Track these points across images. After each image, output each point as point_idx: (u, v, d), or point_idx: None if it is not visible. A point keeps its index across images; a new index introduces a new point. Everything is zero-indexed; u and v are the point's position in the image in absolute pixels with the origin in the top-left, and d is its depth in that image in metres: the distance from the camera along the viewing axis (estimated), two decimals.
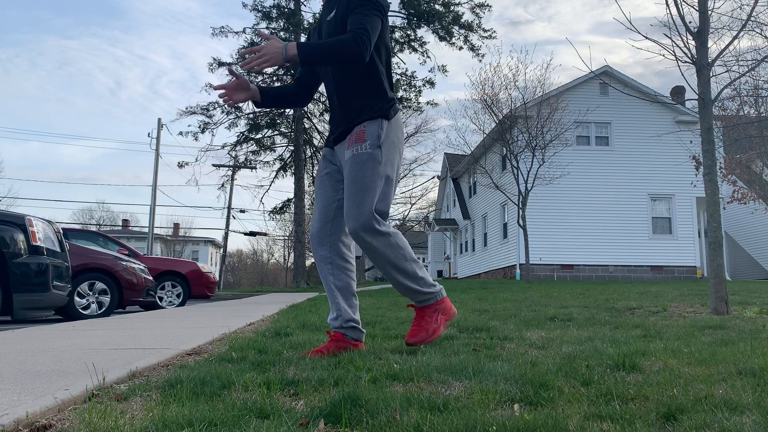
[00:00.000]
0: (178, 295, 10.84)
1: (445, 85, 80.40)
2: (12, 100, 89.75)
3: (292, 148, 27.62)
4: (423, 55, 26.86)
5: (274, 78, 25.73)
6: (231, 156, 28.72)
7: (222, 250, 40.32)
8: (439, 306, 2.78)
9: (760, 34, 9.72)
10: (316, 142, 27.88)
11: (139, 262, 9.07)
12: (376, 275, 44.61)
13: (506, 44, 65.26)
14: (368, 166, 2.56)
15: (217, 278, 23.17)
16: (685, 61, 5.57)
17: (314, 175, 26.97)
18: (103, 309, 8.06)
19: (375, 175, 2.56)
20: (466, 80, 56.90)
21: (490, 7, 25.83)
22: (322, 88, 3.31)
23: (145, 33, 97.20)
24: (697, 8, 5.49)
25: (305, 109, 26.31)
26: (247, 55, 2.49)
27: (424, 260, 41.98)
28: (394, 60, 27.23)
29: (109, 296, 8.13)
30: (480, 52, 25.67)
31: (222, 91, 2.68)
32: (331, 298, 2.72)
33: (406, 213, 44.88)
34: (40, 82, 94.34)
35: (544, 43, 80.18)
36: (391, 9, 26.79)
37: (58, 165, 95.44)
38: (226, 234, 36.48)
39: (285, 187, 74.98)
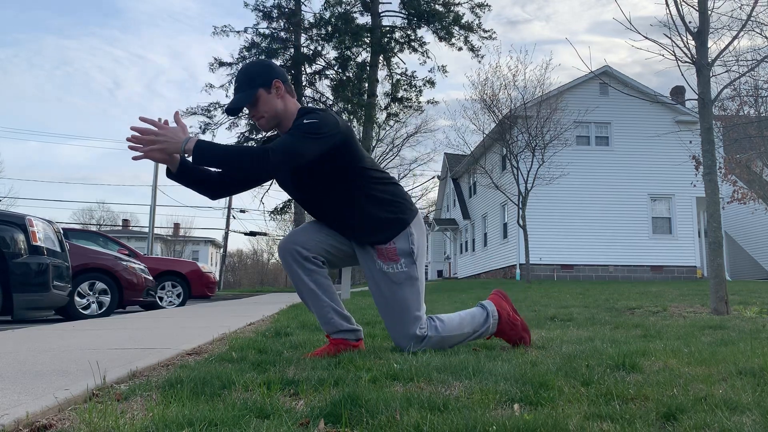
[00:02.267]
0: (178, 295, 10.84)
1: (443, 84, 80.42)
2: (10, 100, 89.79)
3: None
4: (423, 55, 26.88)
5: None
6: None
7: (222, 250, 40.32)
8: (503, 317, 2.77)
9: (760, 34, 9.73)
10: None
11: (139, 262, 9.07)
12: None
13: (504, 44, 65.18)
14: (406, 286, 2.54)
15: (217, 278, 23.17)
16: (685, 61, 5.57)
17: None
18: (103, 309, 8.06)
19: (414, 293, 2.55)
20: (464, 80, 57.07)
21: (490, 7, 25.86)
22: None
23: (143, 32, 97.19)
24: (697, 8, 5.49)
25: None
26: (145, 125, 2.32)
27: None
28: (394, 60, 27.24)
29: (109, 296, 8.12)
30: (480, 53, 25.70)
31: (136, 134, 2.34)
32: (316, 303, 2.60)
33: None
34: (38, 81, 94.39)
35: (542, 43, 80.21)
36: (390, 9, 26.85)
37: (57, 165, 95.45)
38: (226, 234, 36.48)
39: None
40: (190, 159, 2.31)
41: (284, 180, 2.65)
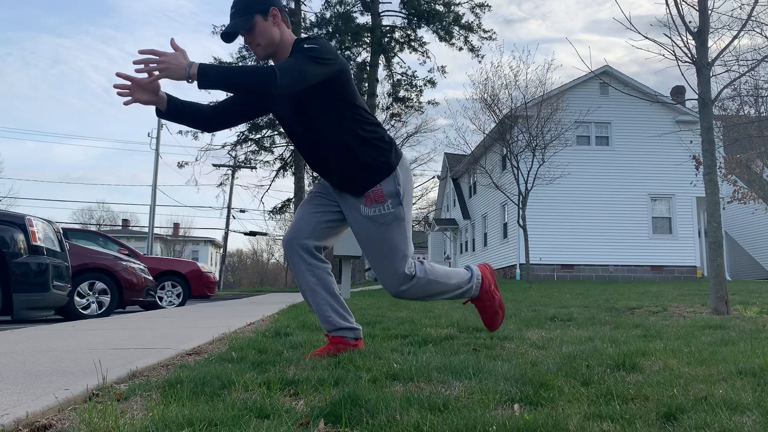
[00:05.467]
0: (178, 295, 10.84)
1: (442, 84, 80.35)
2: (6, 99, 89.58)
3: (292, 147, 27.63)
4: (423, 55, 26.88)
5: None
6: (231, 156, 28.76)
7: (222, 250, 40.34)
8: (485, 284, 2.79)
9: (760, 33, 9.73)
10: None
11: (139, 262, 9.07)
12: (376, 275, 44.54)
13: (501, 43, 65.00)
14: (394, 227, 2.53)
15: (217, 278, 23.18)
16: (685, 61, 5.57)
17: (314, 174, 26.95)
18: (103, 309, 8.06)
19: (402, 234, 2.55)
20: (463, 80, 56.95)
21: (490, 7, 25.86)
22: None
23: (138, 31, 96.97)
24: (697, 8, 5.49)
25: None
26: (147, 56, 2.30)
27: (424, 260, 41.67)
28: (395, 60, 27.26)
29: (109, 296, 8.12)
30: (480, 53, 25.70)
31: (124, 81, 2.40)
32: (315, 300, 2.62)
33: None
34: (33, 80, 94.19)
35: (539, 42, 79.93)
36: (391, 9, 26.85)
37: (54, 165, 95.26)
38: (226, 234, 36.49)
39: (285, 186, 75.04)
40: (194, 83, 2.29)
41: (282, 113, 2.63)
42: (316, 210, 2.67)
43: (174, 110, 2.56)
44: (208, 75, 2.22)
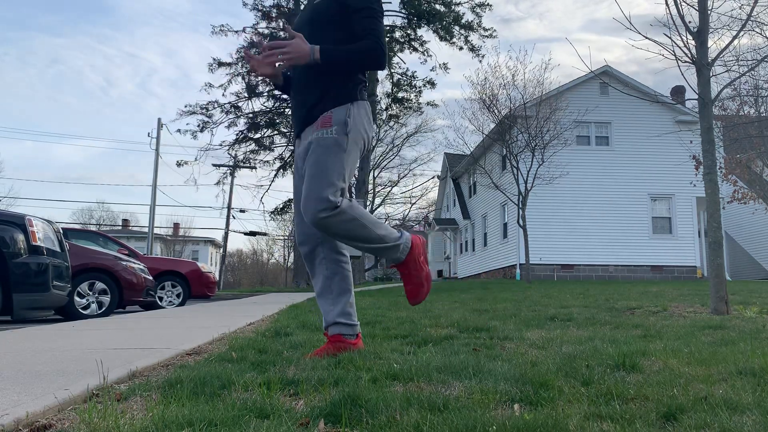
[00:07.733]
0: (178, 295, 10.84)
1: (441, 84, 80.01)
2: (4, 99, 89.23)
3: (291, 147, 27.64)
4: (423, 55, 26.87)
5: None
6: (230, 155, 28.74)
7: (222, 250, 40.34)
8: (414, 251, 2.72)
9: (760, 33, 9.73)
10: None
11: (139, 262, 9.07)
12: (376, 275, 44.61)
13: (499, 42, 64.87)
14: (331, 152, 2.51)
15: (217, 278, 23.17)
16: (685, 61, 5.57)
17: None
18: (103, 309, 8.06)
19: (337, 162, 2.51)
20: (461, 78, 56.92)
21: (491, 6, 25.84)
22: None
23: (135, 31, 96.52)
24: (697, 8, 5.49)
25: None
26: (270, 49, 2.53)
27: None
28: (395, 60, 27.25)
29: (109, 296, 8.12)
30: (480, 52, 25.69)
31: (251, 59, 2.71)
32: (323, 294, 2.63)
33: (406, 213, 44.94)
34: (30, 80, 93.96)
35: (536, 41, 79.63)
36: (391, 9, 26.83)
37: (52, 164, 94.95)
38: (226, 234, 36.49)
39: (285, 186, 74.95)
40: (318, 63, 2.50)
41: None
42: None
43: (288, 84, 2.80)
44: (331, 58, 2.50)
